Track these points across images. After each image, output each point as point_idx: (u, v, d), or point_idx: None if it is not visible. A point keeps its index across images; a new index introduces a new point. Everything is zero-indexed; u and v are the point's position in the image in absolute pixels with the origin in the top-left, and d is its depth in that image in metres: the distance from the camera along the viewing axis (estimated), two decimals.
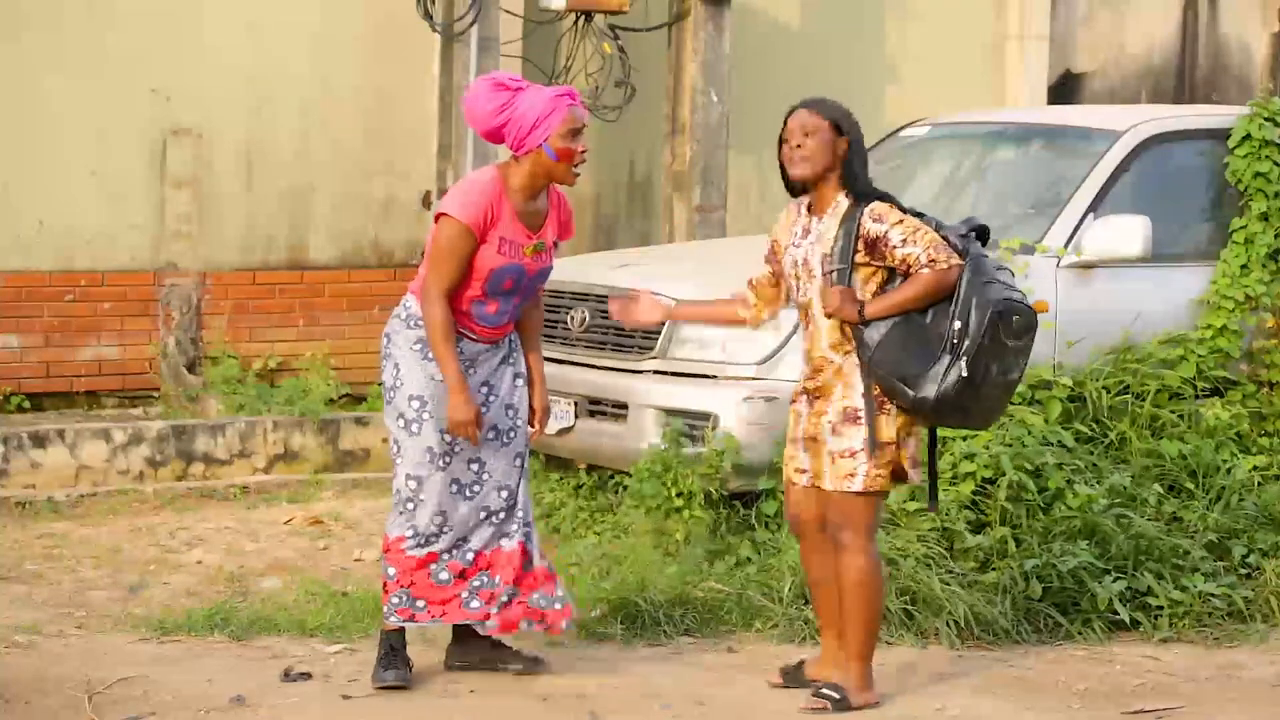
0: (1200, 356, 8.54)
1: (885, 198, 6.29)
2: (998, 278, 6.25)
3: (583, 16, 10.76)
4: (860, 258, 6.23)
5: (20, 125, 10.00)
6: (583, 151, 6.39)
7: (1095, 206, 8.61)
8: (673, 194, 11.04)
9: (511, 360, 6.56)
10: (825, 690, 6.35)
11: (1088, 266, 8.49)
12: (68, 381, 10.16)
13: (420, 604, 6.46)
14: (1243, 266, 8.78)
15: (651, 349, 8.31)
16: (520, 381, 6.56)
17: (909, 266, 6.20)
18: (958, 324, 6.16)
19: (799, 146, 6.29)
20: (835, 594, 6.39)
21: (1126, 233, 8.41)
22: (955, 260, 6.19)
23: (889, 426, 6.24)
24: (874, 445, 6.20)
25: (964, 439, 7.74)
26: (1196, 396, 8.49)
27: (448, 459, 6.43)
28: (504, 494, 6.50)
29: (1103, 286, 8.51)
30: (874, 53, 12.27)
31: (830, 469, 6.26)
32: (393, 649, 6.51)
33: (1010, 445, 7.74)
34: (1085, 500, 7.67)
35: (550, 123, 6.32)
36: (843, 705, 6.32)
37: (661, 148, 11.19)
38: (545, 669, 6.64)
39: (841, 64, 12.06)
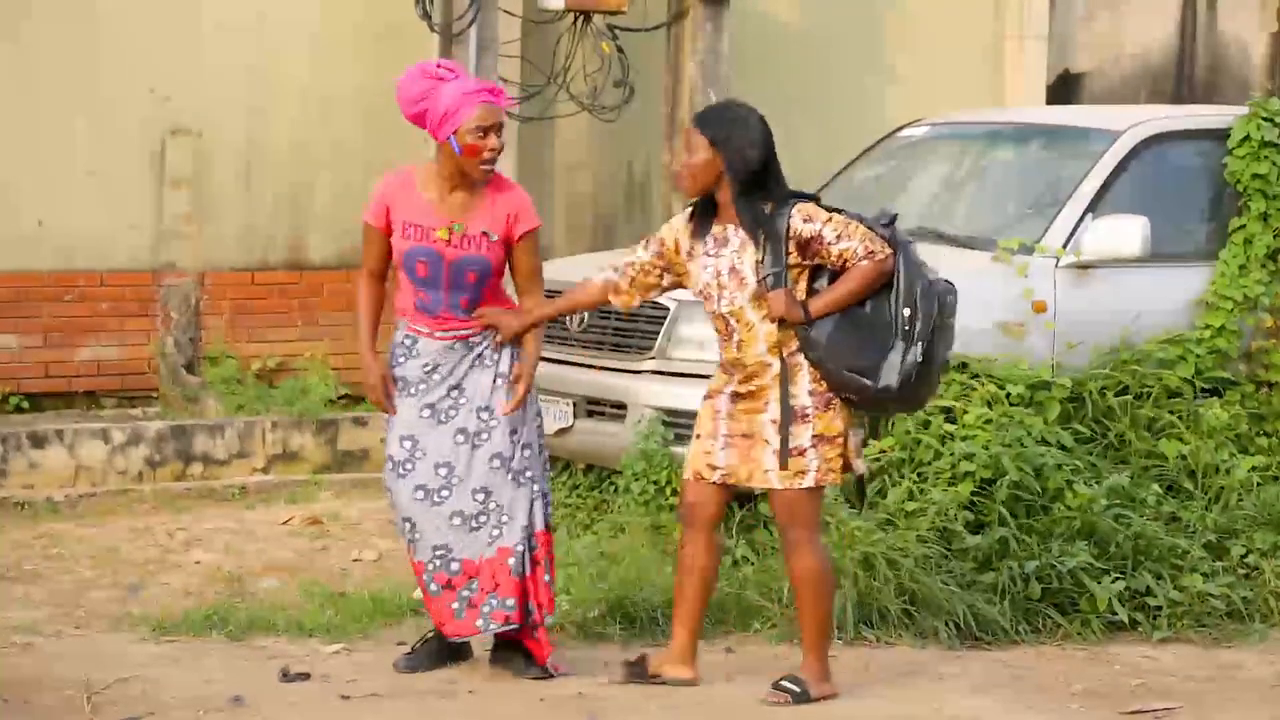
0: (1199, 357, 8.54)
1: (806, 196, 6.36)
2: (924, 261, 6.39)
3: (581, 17, 10.75)
4: (792, 259, 6.27)
5: (19, 125, 9.99)
6: (492, 149, 6.39)
7: (1094, 206, 8.61)
8: (671, 194, 11.03)
9: (489, 362, 6.50)
10: (785, 683, 6.41)
11: (1086, 267, 8.49)
12: (66, 382, 10.16)
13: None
14: (1241, 267, 8.77)
15: (650, 349, 8.31)
16: (500, 383, 6.49)
17: (845, 261, 6.26)
18: (907, 310, 6.27)
19: (682, 166, 6.37)
20: (702, 588, 6.48)
21: (1125, 233, 8.41)
22: (887, 249, 6.28)
23: (837, 420, 6.31)
24: (822, 441, 6.29)
25: (963, 440, 7.75)
26: (1195, 397, 8.48)
27: (409, 465, 6.45)
28: (480, 497, 6.44)
29: (1101, 287, 8.51)
30: (873, 53, 12.26)
31: (777, 467, 6.29)
32: (426, 641, 6.68)
33: (1010, 445, 7.74)
34: (1084, 500, 7.67)
35: (459, 118, 6.36)
36: (803, 698, 6.38)
37: (660, 148, 11.18)
38: (548, 674, 6.63)
39: (841, 64, 12.05)
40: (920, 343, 6.25)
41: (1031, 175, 9.14)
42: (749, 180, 6.25)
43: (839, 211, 6.32)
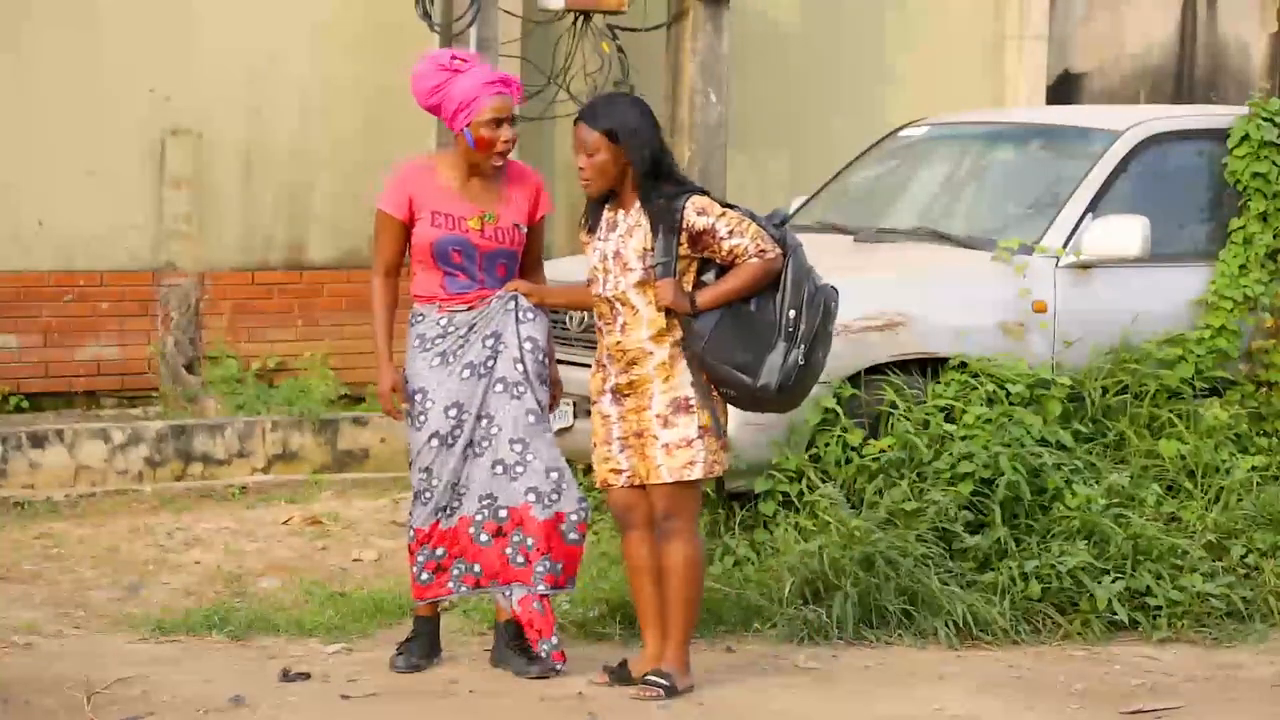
0: (1199, 356, 8.54)
1: (700, 190, 6.38)
2: (812, 266, 6.41)
3: (581, 16, 10.76)
4: (683, 250, 6.31)
5: (19, 125, 9.99)
6: (505, 140, 6.47)
7: (1094, 206, 8.61)
8: None
9: (522, 319, 6.56)
10: (652, 677, 6.42)
11: (1086, 266, 8.49)
12: (67, 381, 10.16)
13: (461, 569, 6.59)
14: (1241, 266, 8.77)
15: None
16: (530, 347, 6.55)
17: (735, 257, 6.30)
18: (792, 313, 6.31)
19: (582, 168, 6.37)
20: (656, 585, 6.48)
21: (1125, 233, 8.41)
22: (778, 250, 6.31)
23: (719, 412, 6.39)
24: (720, 431, 6.36)
25: (962, 440, 7.74)
26: (1195, 396, 8.49)
27: (457, 433, 6.49)
28: (518, 448, 6.51)
29: (1101, 286, 8.51)
30: (873, 53, 12.27)
31: (666, 460, 6.33)
32: (411, 639, 6.68)
33: (1009, 445, 7.74)
34: (1084, 500, 7.67)
35: (473, 109, 6.43)
36: (672, 691, 6.40)
37: None
38: (549, 674, 6.63)
39: (840, 64, 12.05)
40: (802, 346, 6.31)
41: (1031, 175, 9.13)
42: (652, 167, 6.31)
43: (733, 207, 6.38)
